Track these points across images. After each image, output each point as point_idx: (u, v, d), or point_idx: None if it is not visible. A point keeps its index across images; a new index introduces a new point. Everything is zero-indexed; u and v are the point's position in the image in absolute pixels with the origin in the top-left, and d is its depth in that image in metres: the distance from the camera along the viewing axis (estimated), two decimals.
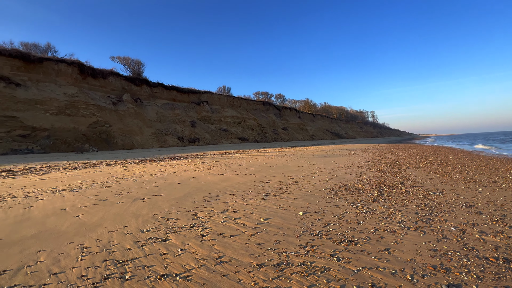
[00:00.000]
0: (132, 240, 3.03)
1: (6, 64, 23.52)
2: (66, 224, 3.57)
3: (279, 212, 4.07)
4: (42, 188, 5.97)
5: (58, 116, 23.63)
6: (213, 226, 3.47)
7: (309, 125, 70.62)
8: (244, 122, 47.98)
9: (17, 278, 2.22)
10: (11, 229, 3.38)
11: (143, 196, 5.15)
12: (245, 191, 5.59)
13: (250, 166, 9.92)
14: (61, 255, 2.65)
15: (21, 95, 22.52)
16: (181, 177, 7.41)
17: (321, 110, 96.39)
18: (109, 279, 2.21)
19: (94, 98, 28.38)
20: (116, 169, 9.40)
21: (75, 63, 28.75)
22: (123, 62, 38.91)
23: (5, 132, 19.80)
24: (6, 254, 2.66)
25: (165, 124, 34.16)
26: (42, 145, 20.75)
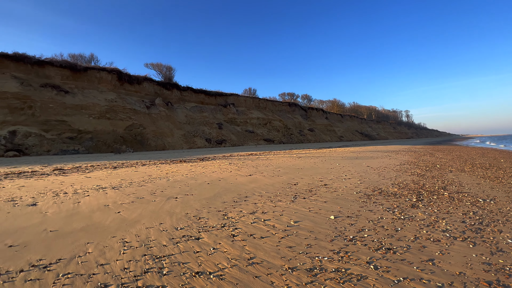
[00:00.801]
0: (167, 237, 3.18)
1: (57, 74, 26.39)
2: (109, 219, 3.87)
3: (309, 215, 3.98)
4: (88, 186, 6.56)
5: (99, 120, 25.83)
6: (243, 227, 3.50)
7: (337, 126, 68.32)
8: (270, 123, 47.97)
9: (70, 266, 2.46)
10: (64, 222, 3.75)
11: (176, 195, 5.39)
12: (273, 193, 5.57)
13: (277, 168, 9.87)
14: (106, 247, 2.87)
15: (69, 101, 25.05)
16: (210, 178, 7.62)
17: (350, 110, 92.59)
18: (148, 273, 2.34)
19: (130, 102, 30.53)
20: (151, 169, 9.98)
21: (114, 70, 31.25)
22: (156, 68, 41.35)
23: (57, 134, 22.15)
24: (60, 244, 2.95)
25: (193, 126, 35.51)
26: (86, 146, 22.83)
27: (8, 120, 20.70)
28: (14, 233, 3.30)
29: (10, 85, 22.44)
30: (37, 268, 2.41)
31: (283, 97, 70.51)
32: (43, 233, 3.31)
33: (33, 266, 2.46)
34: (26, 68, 24.86)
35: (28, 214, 4.12)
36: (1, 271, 2.37)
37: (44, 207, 4.56)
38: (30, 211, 4.31)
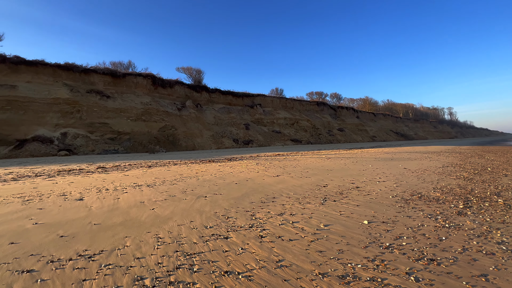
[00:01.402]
0: (197, 234, 3.27)
1: (100, 80, 28.98)
2: (144, 215, 4.11)
3: (340, 219, 3.80)
4: (126, 183, 7.06)
5: (136, 122, 27.76)
6: (271, 228, 3.47)
7: (369, 125, 64.83)
8: (297, 123, 47.25)
9: (111, 258, 2.64)
10: (105, 216, 4.07)
11: (205, 194, 5.54)
12: (301, 195, 5.44)
13: (305, 169, 9.65)
14: (142, 242, 3.04)
15: (110, 105, 27.34)
16: (238, 178, 7.71)
17: (384, 108, 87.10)
18: (180, 269, 2.42)
19: (163, 105, 32.32)
20: (182, 168, 10.43)
21: (149, 76, 33.39)
22: (186, 71, 43.31)
23: (100, 136, 24.31)
24: (103, 237, 3.20)
25: (221, 127, 36.40)
26: (124, 146, 24.69)
27: (61, 123, 23.22)
28: (65, 224, 3.67)
29: (62, 91, 25.17)
30: (83, 258, 2.64)
31: (311, 97, 68.98)
32: (88, 225, 3.63)
33: (80, 255, 2.70)
34: (75, 76, 27.69)
35: (76, 208, 4.55)
36: (54, 258, 2.64)
37: (89, 202, 5.00)
38: (77, 205, 4.76)
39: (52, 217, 4.02)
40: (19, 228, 3.54)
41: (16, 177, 8.55)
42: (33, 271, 2.39)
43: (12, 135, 20.45)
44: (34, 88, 24.01)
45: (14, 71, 24.20)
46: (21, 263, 2.54)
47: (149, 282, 2.19)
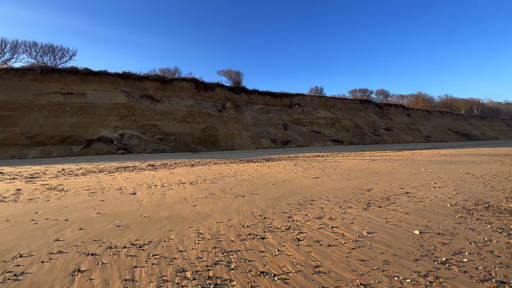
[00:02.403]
0: (235, 233, 3.35)
1: (151, 86, 31.98)
2: (187, 211, 4.38)
3: (386, 227, 3.49)
4: (171, 180, 7.64)
5: (181, 123, 29.86)
6: (308, 232, 3.36)
7: (423, 124, 58.31)
8: (338, 123, 45.08)
9: (158, 249, 2.88)
10: (154, 210, 4.46)
11: (243, 194, 5.66)
12: (342, 198, 5.17)
13: (346, 171, 9.15)
14: (184, 236, 3.25)
15: (159, 108, 29.94)
16: (276, 178, 7.69)
17: (441, 105, 77.11)
18: (218, 265, 2.51)
19: (205, 107, 34.12)
20: (221, 168, 10.85)
21: (192, 80, 35.63)
22: (226, 74, 44.95)
23: (150, 136, 26.82)
24: (151, 229, 3.51)
25: (260, 127, 36.81)
26: (171, 146, 26.78)
27: (119, 125, 26.28)
28: (121, 215, 4.13)
29: (120, 97, 28.47)
30: (135, 247, 2.93)
31: (353, 94, 65.20)
32: (139, 218, 4.02)
33: (132, 244, 3.00)
34: (131, 83, 31.06)
35: (130, 201, 5.09)
36: (112, 245, 2.99)
37: (141, 196, 5.54)
38: (131, 199, 5.32)
39: (111, 208, 4.56)
40: (86, 216, 4.11)
41: (85, 172, 9.96)
42: (95, 255, 2.74)
43: (83, 136, 23.91)
44: (99, 95, 27.68)
45: (84, 81, 28.27)
46: (87, 247, 2.94)
47: (190, 275, 2.32)
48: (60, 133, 23.33)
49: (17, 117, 22.98)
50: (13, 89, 24.70)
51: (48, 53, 30.72)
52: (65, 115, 24.67)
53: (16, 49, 29.77)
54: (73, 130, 23.90)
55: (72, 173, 9.75)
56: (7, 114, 22.82)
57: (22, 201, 5.24)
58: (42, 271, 2.41)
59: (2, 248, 2.92)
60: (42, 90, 25.71)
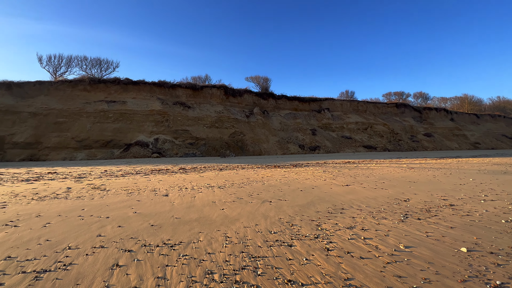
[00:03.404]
0: (262, 238, 3.33)
1: (183, 94, 33.74)
2: (215, 214, 4.48)
3: (426, 242, 3.19)
4: (201, 183, 7.90)
5: (210, 129, 30.90)
6: (338, 242, 3.21)
7: (469, 129, 52.71)
8: (371, 128, 42.82)
9: (187, 250, 2.98)
10: (184, 212, 4.64)
11: (270, 199, 5.63)
12: (376, 208, 4.86)
13: (380, 179, 8.61)
14: (212, 239, 3.31)
15: (190, 115, 31.38)
16: (304, 185, 7.52)
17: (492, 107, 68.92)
18: (245, 269, 2.51)
19: (233, 113, 34.91)
20: (248, 173, 10.94)
21: (222, 87, 36.82)
22: (254, 80, 45.63)
23: (181, 141, 28.16)
24: (181, 230, 3.65)
25: (287, 132, 36.51)
26: (200, 151, 27.79)
27: (154, 130, 28.04)
28: (154, 215, 4.37)
29: (155, 104, 30.45)
30: (167, 246, 3.07)
31: (388, 98, 61.69)
32: (171, 218, 4.21)
33: (164, 243, 3.15)
34: (165, 91, 33.09)
35: (162, 202, 5.36)
36: (146, 243, 3.17)
37: (173, 198, 5.81)
38: (164, 200, 5.61)
39: (146, 208, 4.86)
40: (124, 215, 4.42)
41: (124, 173, 10.77)
42: (132, 251, 2.92)
43: (122, 140, 25.97)
44: (137, 103, 29.94)
45: (124, 90, 30.86)
46: (124, 244, 3.15)
47: (217, 277, 2.36)
48: (104, 138, 25.64)
49: (69, 123, 25.84)
50: (67, 98, 27.89)
51: (96, 65, 34.28)
52: (108, 121, 27.09)
53: (70, 63, 33.74)
54: (114, 135, 26.11)
55: (113, 174, 10.61)
56: (61, 120, 25.79)
57: (71, 198, 5.82)
58: (86, 263, 2.64)
59: (55, 240, 3.26)
60: (90, 99, 28.63)
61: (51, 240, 3.26)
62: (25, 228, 3.72)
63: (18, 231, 3.60)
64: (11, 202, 5.46)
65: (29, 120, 25.10)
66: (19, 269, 2.52)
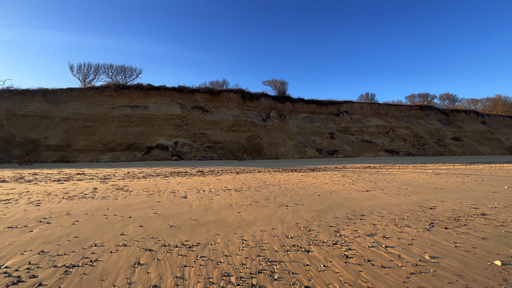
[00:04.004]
0: (279, 243, 3.31)
1: (201, 98, 34.58)
2: (232, 217, 4.52)
3: (455, 253, 2.99)
4: (218, 186, 8.01)
5: (227, 132, 31.31)
6: (358, 249, 3.10)
7: (504, 133, 48.88)
8: (393, 131, 41.13)
9: (205, 251, 3.03)
10: (202, 214, 4.73)
11: (287, 203, 5.57)
12: (398, 215, 4.64)
13: (403, 185, 8.22)
14: (229, 241, 3.34)
15: (208, 118, 32.04)
16: (321, 189, 7.37)
17: None
18: (261, 273, 2.50)
19: (250, 116, 35.15)
20: (265, 176, 10.92)
21: (239, 91, 37.29)
22: (271, 84, 45.72)
23: (200, 144, 28.78)
24: (199, 232, 3.72)
25: (304, 136, 36.06)
26: (218, 154, 28.21)
27: (174, 134, 28.93)
28: (174, 217, 4.49)
29: (175, 109, 31.45)
30: (185, 247, 3.14)
31: (411, 100, 59.06)
32: (189, 220, 4.31)
33: (183, 244, 3.22)
34: (184, 95, 34.11)
35: (181, 204, 5.50)
36: (165, 243, 3.26)
37: (191, 200, 5.94)
38: (182, 202, 5.75)
39: (166, 210, 5.01)
40: (145, 215, 4.59)
41: (145, 175, 11.20)
42: (152, 251, 3.03)
43: (144, 143, 27.05)
44: (158, 107, 31.12)
45: (147, 95, 32.22)
46: (145, 243, 3.27)
47: (234, 280, 2.37)
48: (127, 141, 26.87)
49: (96, 127, 27.40)
50: (94, 104, 29.65)
51: (121, 72, 36.22)
52: (131, 125, 28.39)
53: (98, 71, 35.92)
54: (136, 138, 27.28)
55: (135, 176, 11.07)
56: (89, 125, 27.43)
57: (97, 198, 6.15)
58: (110, 260, 2.77)
59: (82, 237, 3.46)
60: (115, 104, 30.21)
61: (79, 237, 3.46)
62: (56, 225, 3.99)
63: (50, 228, 3.86)
64: (44, 200, 5.88)
65: (60, 124, 26.96)
66: (51, 263, 2.70)
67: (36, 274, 2.47)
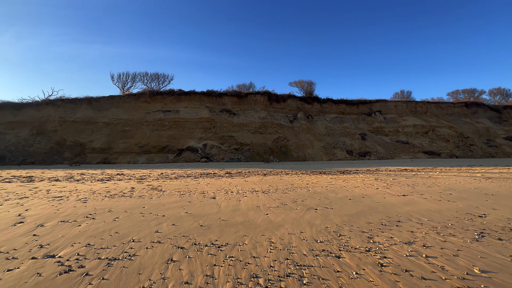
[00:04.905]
0: (307, 247, 3.23)
1: (228, 101, 35.38)
2: (259, 219, 4.53)
3: (511, 268, 2.64)
4: (245, 188, 8.09)
5: (254, 134, 31.57)
6: (394, 258, 2.90)
7: None
8: (433, 131, 37.86)
9: (233, 252, 3.07)
10: (230, 214, 4.82)
11: (315, 207, 5.43)
12: (440, 223, 4.24)
13: (446, 190, 7.51)
14: (257, 243, 3.35)
15: (235, 121, 32.65)
16: (352, 193, 7.05)
17: None
18: (290, 277, 2.46)
19: (277, 118, 35.02)
20: (292, 178, 10.77)
21: (265, 93, 37.42)
22: (298, 85, 45.09)
23: (227, 146, 29.42)
24: (228, 232, 3.79)
25: (333, 137, 34.88)
26: (245, 156, 28.54)
27: (203, 136, 29.98)
28: (203, 216, 4.64)
29: (204, 112, 32.60)
30: (214, 247, 3.22)
31: (455, 96, 53.91)
32: (218, 220, 4.41)
33: (212, 244, 3.31)
34: (212, 99, 35.21)
35: (210, 205, 5.67)
36: (196, 242, 3.38)
37: (219, 200, 6.09)
38: (211, 202, 5.92)
39: (196, 209, 5.19)
40: (177, 214, 4.81)
41: (177, 176, 11.76)
42: (184, 249, 3.16)
43: (176, 146, 28.45)
44: (188, 111, 32.55)
45: (178, 100, 33.91)
46: (178, 241, 3.42)
47: (262, 282, 2.36)
48: (160, 144, 28.51)
49: (133, 131, 29.55)
50: (132, 109, 32.02)
51: (155, 79, 38.66)
52: (164, 129, 30.07)
53: (135, 79, 38.78)
54: (169, 141, 28.81)
55: (167, 176, 11.69)
56: (127, 129, 29.68)
57: (135, 197, 6.61)
58: (146, 255, 2.95)
59: (122, 233, 3.74)
60: (149, 109, 32.30)
61: (119, 233, 3.74)
62: (100, 221, 4.36)
63: (95, 223, 4.24)
64: (90, 198, 6.48)
65: (103, 129, 29.57)
66: (96, 255, 2.96)
67: (83, 264, 2.72)
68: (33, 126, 28.82)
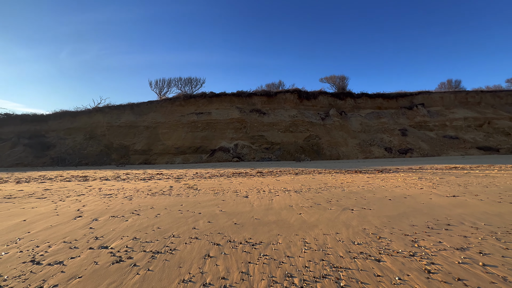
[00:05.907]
0: (344, 248, 3.11)
1: (258, 101, 35.60)
2: (293, 218, 4.48)
3: None
4: (277, 187, 8.07)
5: (284, 133, 31.30)
6: (444, 264, 2.63)
7: None
8: (489, 124, 33.48)
9: (267, 250, 3.09)
10: (263, 213, 4.85)
11: (351, 207, 5.19)
12: (501, 228, 3.74)
13: (508, 190, 6.59)
14: (291, 242, 3.32)
15: (265, 120, 32.74)
16: (392, 193, 6.58)
17: None
18: (326, 278, 2.40)
19: (308, 116, 34.24)
20: (326, 178, 10.44)
21: (295, 91, 36.85)
22: (329, 81, 43.49)
23: (258, 146, 29.64)
24: (261, 231, 3.83)
25: (369, 134, 32.92)
26: (276, 155, 28.46)
27: (234, 136, 30.65)
28: (237, 215, 4.75)
29: (234, 113, 33.30)
30: (249, 245, 3.28)
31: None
32: (251, 219, 4.48)
33: (246, 242, 3.37)
34: (242, 100, 35.78)
35: (243, 203, 5.77)
36: (231, 239, 3.48)
37: (252, 199, 6.17)
38: (244, 201, 6.03)
39: (229, 208, 5.34)
40: (212, 212, 5.01)
41: (210, 175, 12.21)
42: (219, 245, 3.27)
43: (208, 146, 29.56)
44: (219, 113, 33.57)
45: (209, 102, 35.18)
46: (213, 238, 3.56)
47: (297, 282, 2.34)
48: (194, 145, 29.89)
49: (169, 134, 31.46)
50: (168, 113, 34.11)
51: (188, 84, 40.62)
52: (197, 130, 31.46)
53: (170, 84, 41.23)
54: (202, 142, 30.06)
55: (202, 176, 12.21)
56: (164, 131, 31.71)
57: (173, 195, 7.04)
58: (185, 250, 3.13)
59: (163, 228, 4.02)
60: (184, 112, 34.07)
61: (161, 228, 4.02)
62: (144, 217, 4.74)
63: (140, 219, 4.62)
64: (134, 196, 7.08)
65: (144, 132, 32.03)
66: (141, 248, 3.22)
67: (131, 256, 2.99)
68: (86, 131, 32.44)
